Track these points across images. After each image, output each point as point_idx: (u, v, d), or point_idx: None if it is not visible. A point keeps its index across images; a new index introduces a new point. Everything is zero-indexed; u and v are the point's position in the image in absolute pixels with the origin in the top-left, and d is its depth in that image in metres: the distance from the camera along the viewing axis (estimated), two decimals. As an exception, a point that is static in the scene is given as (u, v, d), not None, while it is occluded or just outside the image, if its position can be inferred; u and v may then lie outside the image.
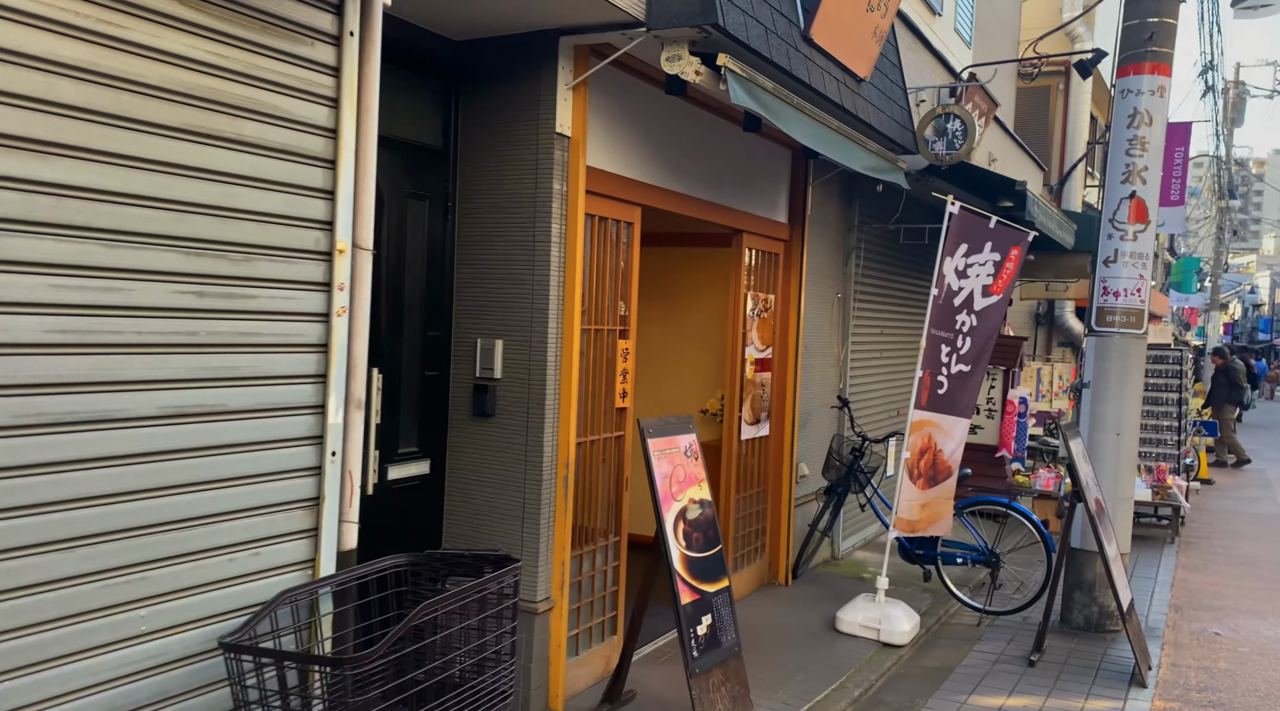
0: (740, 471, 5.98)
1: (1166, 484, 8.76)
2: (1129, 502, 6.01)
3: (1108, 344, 5.96)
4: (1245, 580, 7.35)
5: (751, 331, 5.94)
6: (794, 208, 6.31)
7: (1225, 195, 26.90)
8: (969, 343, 5.63)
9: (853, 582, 6.49)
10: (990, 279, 5.66)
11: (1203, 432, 13.14)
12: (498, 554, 2.37)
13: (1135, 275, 5.91)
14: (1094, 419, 5.98)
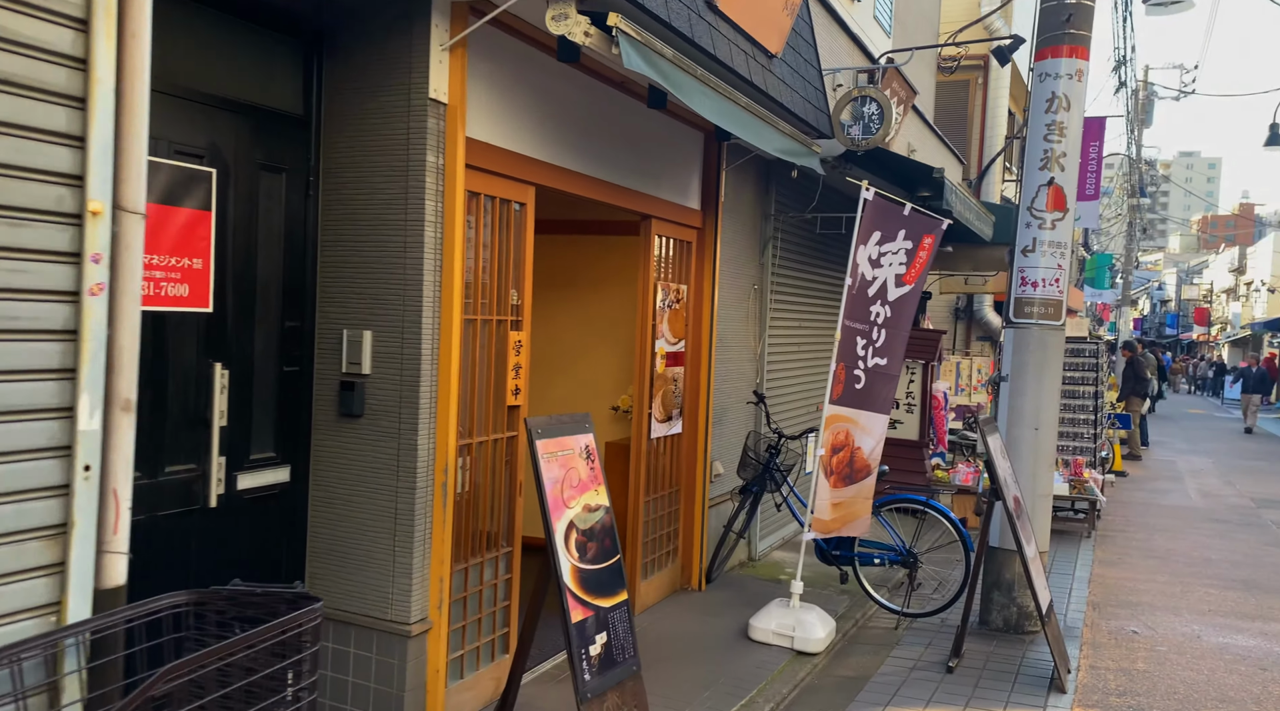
0: (651, 472, 5.65)
1: (1083, 478, 8.74)
2: (1048, 499, 5.86)
3: (1026, 336, 5.79)
4: (1160, 574, 7.31)
5: (662, 323, 5.61)
6: (707, 194, 6.00)
7: (1136, 193, 27.66)
8: (884, 335, 5.39)
9: (769, 585, 6.21)
10: (903, 268, 5.43)
11: (1117, 425, 13.31)
12: (295, 592, 1.96)
13: (1054, 265, 5.75)
14: (1012, 413, 5.81)
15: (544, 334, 6.70)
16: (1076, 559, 7.68)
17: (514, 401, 4.18)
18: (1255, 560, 7.89)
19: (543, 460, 3.53)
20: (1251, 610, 6.31)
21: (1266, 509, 10.63)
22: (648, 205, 5.33)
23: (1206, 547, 8.35)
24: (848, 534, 5.54)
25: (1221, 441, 18.62)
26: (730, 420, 6.53)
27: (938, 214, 6.74)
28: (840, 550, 5.96)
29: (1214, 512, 10.25)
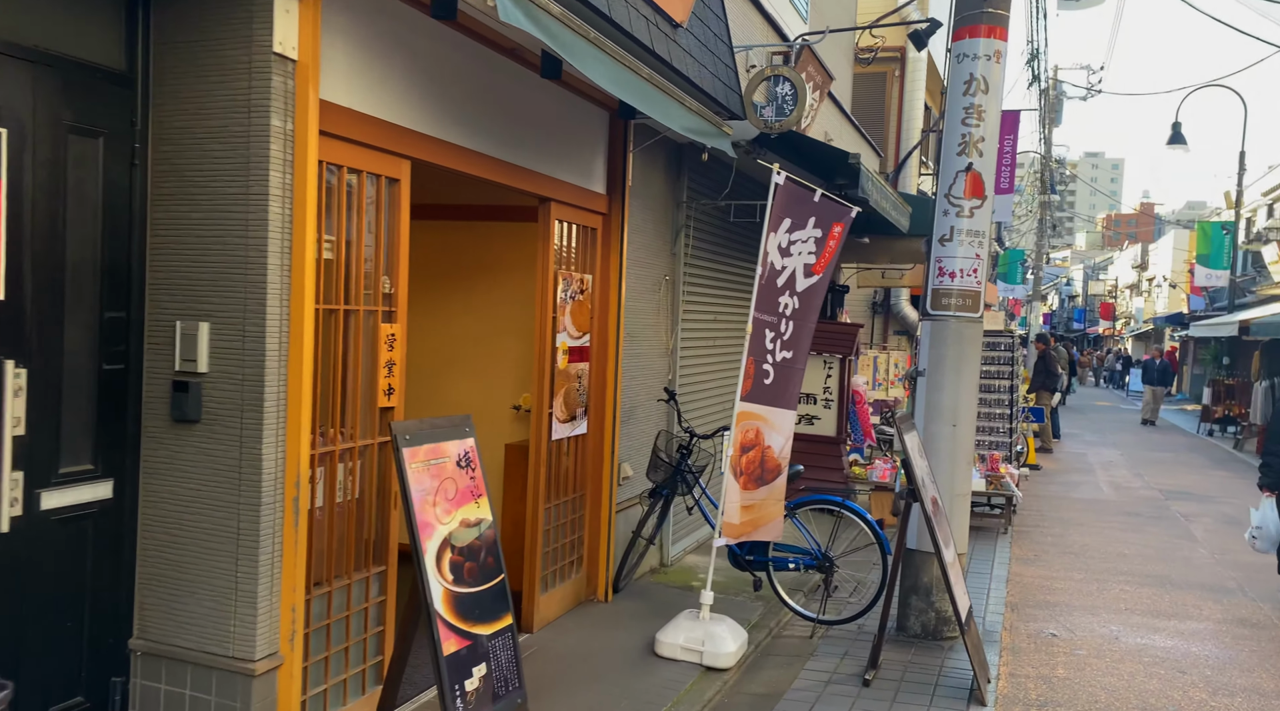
0: (553, 476, 5.24)
1: (1000, 473, 8.64)
2: (966, 498, 5.65)
3: (943, 329, 5.56)
4: (1076, 571, 7.22)
5: (564, 316, 5.20)
6: (613, 178, 5.61)
7: (1047, 190, 28.30)
8: (791, 327, 5.09)
9: (681, 593, 5.87)
10: (813, 257, 5.14)
11: (1030, 419, 13.41)
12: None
13: (971, 254, 5.53)
14: (929, 409, 5.58)
15: (440, 328, 6.23)
16: (994, 557, 7.55)
17: (387, 402, 3.73)
18: (1167, 554, 7.88)
19: (411, 470, 3.10)
20: (1167, 607, 6.23)
21: (1174, 500, 10.76)
22: (546, 187, 4.92)
23: (1120, 542, 8.34)
24: (760, 538, 5.23)
25: (1129, 433, 19.08)
26: (640, 419, 6.17)
27: (854, 202, 6.50)
28: (754, 555, 5.65)
29: (1125, 505, 10.33)
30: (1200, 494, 11.33)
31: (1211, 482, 12.38)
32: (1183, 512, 9.97)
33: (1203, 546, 8.27)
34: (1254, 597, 6.55)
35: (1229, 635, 5.63)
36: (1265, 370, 16.98)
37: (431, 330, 6.24)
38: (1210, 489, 11.79)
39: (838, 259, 5.40)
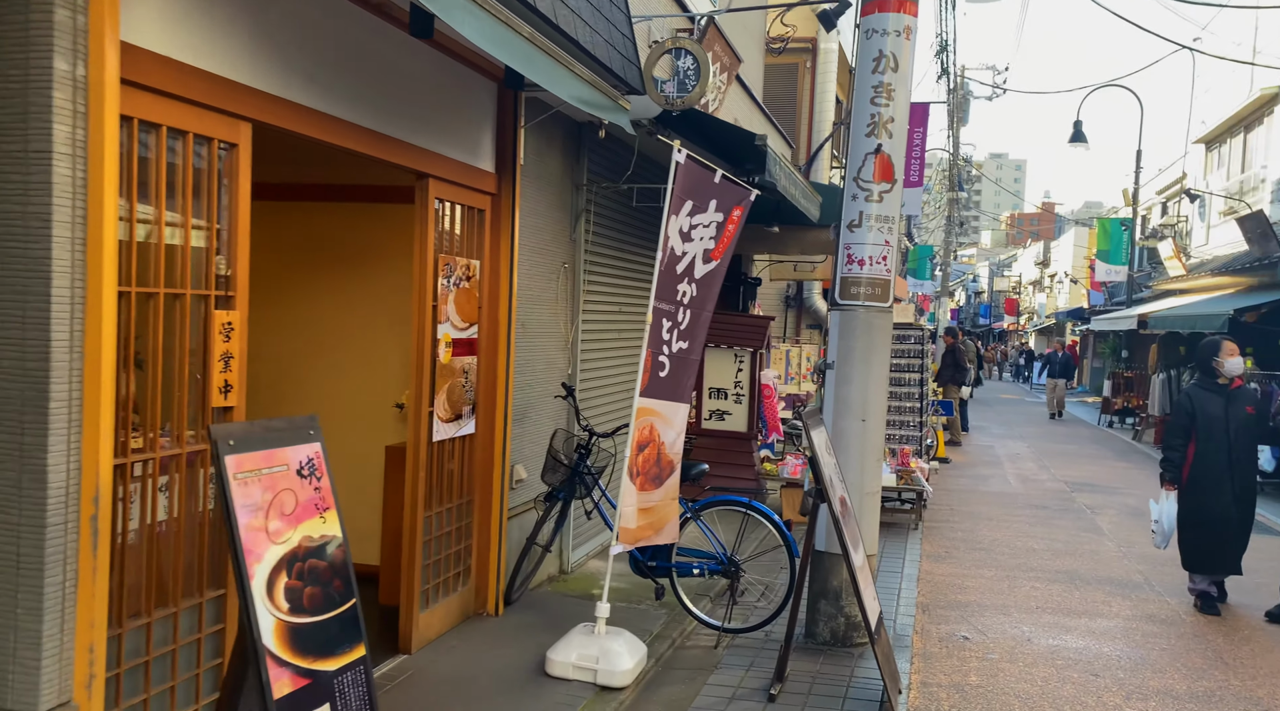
0: (435, 481, 4.78)
1: (911, 467, 8.50)
2: (876, 497, 5.40)
3: (852, 319, 5.30)
4: (986, 567, 7.08)
5: (447, 305, 4.75)
6: (503, 155, 5.17)
7: (955, 187, 28.82)
8: (688, 316, 4.75)
9: (581, 602, 5.48)
10: (712, 242, 4.81)
11: (939, 412, 13.44)
12: None
13: (881, 241, 5.27)
14: (838, 403, 5.30)
15: (312, 320, 5.71)
16: (905, 554, 7.37)
17: (224, 401, 3.23)
18: (1074, 548, 7.84)
19: (235, 482, 2.62)
20: (1076, 605, 6.11)
21: (1079, 492, 10.85)
22: (424, 162, 4.46)
23: (1029, 536, 8.27)
24: (658, 541, 4.87)
25: (1034, 425, 19.46)
26: (536, 417, 5.75)
27: (763, 189, 6.20)
28: (656, 561, 5.30)
29: (1033, 498, 10.35)
30: (1104, 485, 11.48)
31: (1114, 474, 12.58)
32: (1088, 505, 10.03)
33: (1109, 539, 8.26)
34: (1160, 592, 6.50)
35: (1139, 632, 5.51)
36: (1162, 363, 17.48)
37: (302, 322, 5.71)
38: (1113, 480, 11.96)
39: (735, 244, 5.07)
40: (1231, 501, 5.90)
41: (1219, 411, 5.96)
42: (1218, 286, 16.42)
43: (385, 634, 4.78)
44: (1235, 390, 6.01)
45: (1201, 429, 5.99)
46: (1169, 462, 6.11)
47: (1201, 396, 6.07)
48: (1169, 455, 6.13)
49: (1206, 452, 5.95)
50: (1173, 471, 6.07)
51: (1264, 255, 13.26)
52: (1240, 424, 5.93)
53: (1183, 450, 6.08)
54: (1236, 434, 5.91)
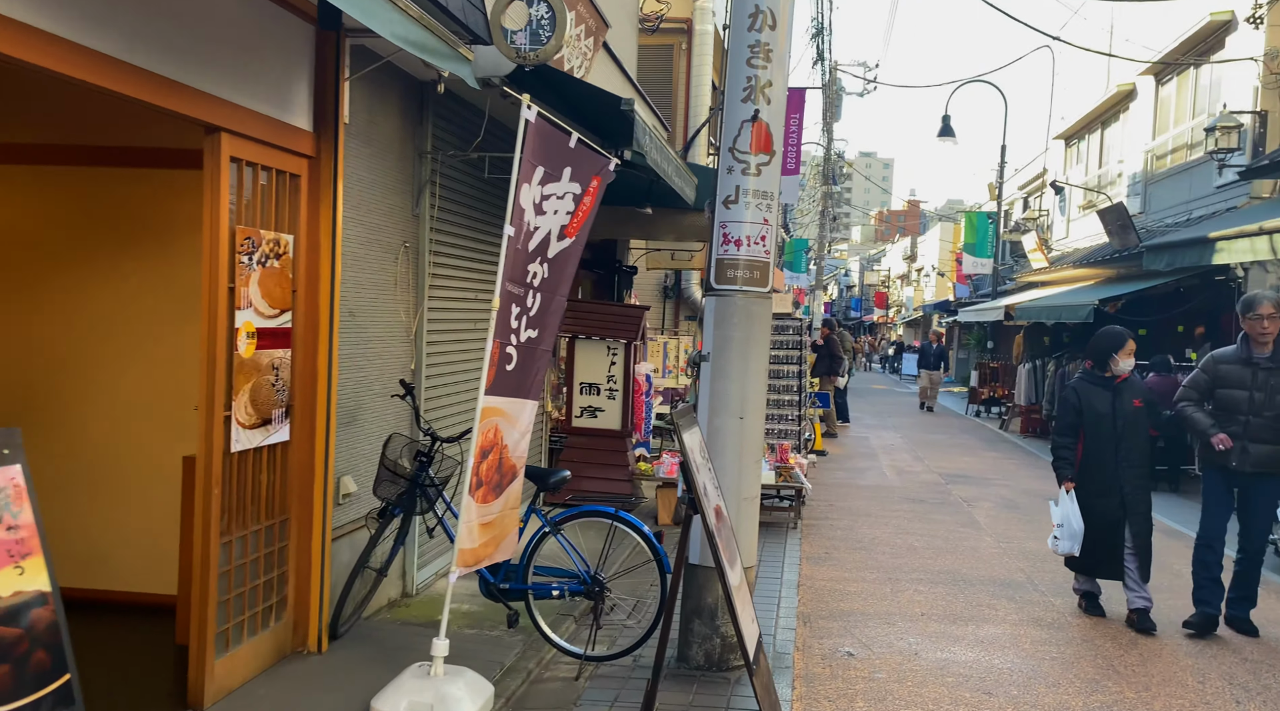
0: (237, 499, 3.98)
1: (790, 463, 8.10)
2: (755, 502, 4.88)
3: (729, 306, 4.76)
4: (868, 570, 6.72)
5: (249, 288, 3.95)
6: (322, 111, 4.38)
7: (829, 181, 29.13)
8: (539, 300, 4.10)
9: (424, 632, 4.76)
10: (567, 217, 4.17)
11: (817, 404, 13.24)
12: None
13: (759, 219, 4.75)
14: (714, 400, 4.76)
15: (86, 309, 4.78)
16: (784, 556, 6.94)
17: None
18: (954, 545, 7.59)
19: None
20: (961, 609, 5.78)
21: (955, 484, 10.77)
22: (217, 112, 3.64)
23: (908, 533, 8.00)
24: (498, 558, 4.21)
25: (905, 415, 19.70)
26: (370, 420, 4.99)
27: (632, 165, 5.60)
28: (510, 582, 4.64)
29: (910, 491, 10.17)
30: (977, 476, 11.46)
31: (986, 464, 12.65)
32: (964, 497, 9.92)
33: (987, 533, 8.08)
34: (1044, 591, 6.26)
35: (1028, 640, 5.20)
36: (1028, 353, 17.92)
37: (74, 310, 4.77)
38: (986, 471, 11.99)
39: (592, 221, 4.44)
40: (1119, 503, 5.49)
41: (1105, 407, 5.59)
42: (1079, 278, 16.90)
43: (178, 684, 3.96)
44: (1122, 383, 5.63)
45: (1089, 425, 5.61)
46: (1061, 460, 5.76)
47: (1088, 391, 5.69)
48: (1060, 453, 5.77)
49: (1093, 450, 5.59)
50: (1068, 469, 5.72)
51: (1123, 247, 13.61)
52: (1128, 419, 5.55)
53: (1072, 448, 5.70)
54: (1124, 429, 5.54)
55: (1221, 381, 5.39)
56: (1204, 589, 5.40)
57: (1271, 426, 5.21)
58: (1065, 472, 5.72)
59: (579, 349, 8.35)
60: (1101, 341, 5.75)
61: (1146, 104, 15.18)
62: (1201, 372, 5.50)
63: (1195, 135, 13.43)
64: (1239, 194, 11.60)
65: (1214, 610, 5.38)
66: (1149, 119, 15.03)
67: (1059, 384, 14.92)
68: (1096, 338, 5.84)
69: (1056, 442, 5.82)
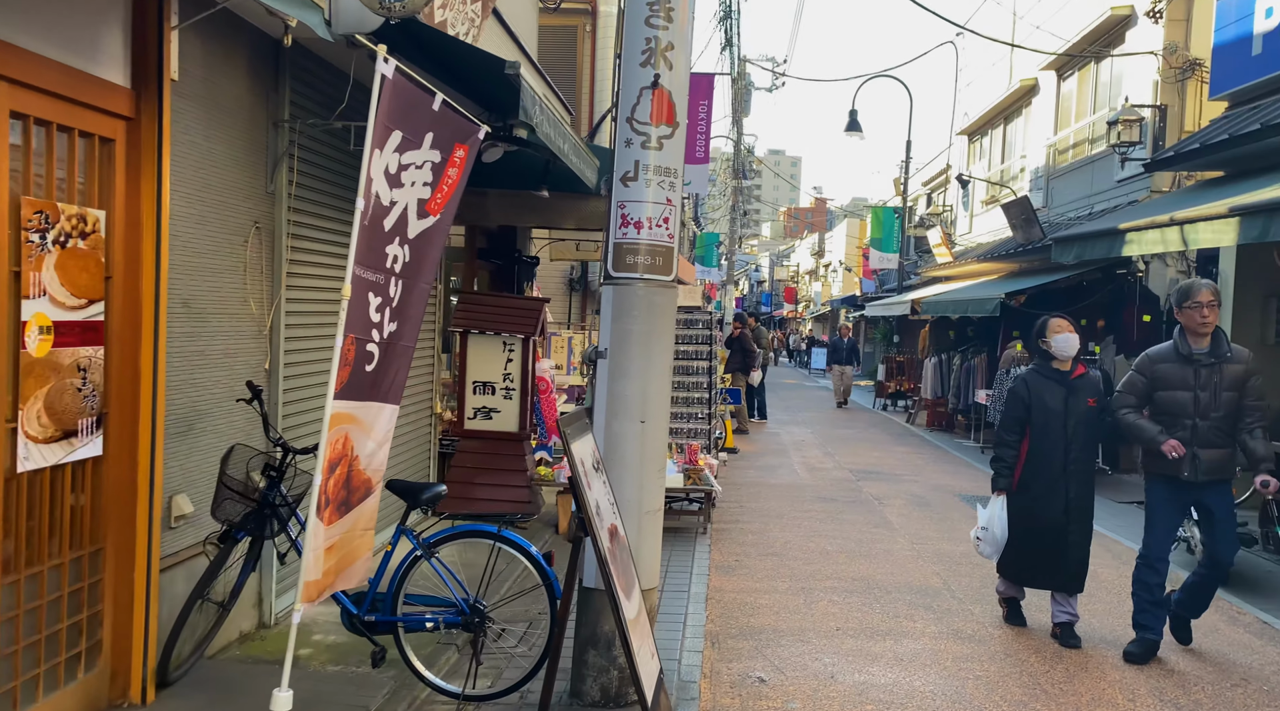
0: (28, 528, 3.27)
1: (699, 465, 7.65)
2: (657, 515, 4.38)
3: (629, 296, 4.24)
4: (780, 578, 6.31)
5: (42, 272, 3.24)
6: (143, 64, 3.68)
7: (739, 175, 28.98)
8: (400, 288, 3.51)
9: (279, 671, 4.09)
10: (427, 190, 3.59)
11: (728, 400, 12.88)
12: None
13: (662, 198, 4.25)
14: (613, 402, 4.23)
15: None
16: (692, 567, 6.48)
17: None
18: (867, 548, 7.27)
19: None
20: (878, 622, 5.41)
21: (865, 481, 10.53)
22: (-14, 54, 2.93)
23: (821, 535, 7.65)
24: (344, 586, 3.62)
25: (815, 410, 19.60)
26: (211, 430, 4.30)
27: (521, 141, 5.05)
28: (376, 613, 4.03)
29: (821, 490, 9.87)
30: (887, 472, 11.26)
31: (895, 459, 12.49)
32: (875, 495, 9.66)
33: (900, 534, 7.79)
34: (961, 598, 5.95)
35: (950, 656, 4.85)
36: (933, 347, 17.99)
37: None
38: (895, 466, 11.81)
39: (459, 198, 3.85)
40: (1063, 509, 5.06)
41: (1058, 404, 5.05)
42: (983, 272, 17.02)
43: (-47, 756, 3.23)
44: (1078, 379, 5.07)
45: (1037, 423, 5.08)
46: (1001, 462, 5.22)
47: (1039, 385, 5.11)
48: (1001, 453, 5.23)
49: (1040, 451, 5.08)
50: (1006, 474, 5.19)
51: (1027, 241, 13.66)
52: (1081, 419, 5.04)
53: (1017, 447, 5.18)
54: (1075, 430, 5.02)
55: (1160, 383, 4.82)
56: (1145, 613, 4.88)
57: (1220, 428, 4.72)
58: (1003, 478, 5.21)
59: (472, 345, 7.72)
60: (1035, 331, 5.27)
61: (1048, 99, 15.32)
62: (1137, 374, 4.93)
63: (1096, 130, 13.56)
64: (1140, 188, 11.69)
65: (1156, 635, 4.88)
66: (1051, 114, 15.17)
67: (965, 378, 14.95)
68: (1036, 329, 5.28)
69: (1000, 438, 5.30)
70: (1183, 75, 11.21)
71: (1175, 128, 11.27)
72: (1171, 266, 11.62)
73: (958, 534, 7.85)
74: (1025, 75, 16.11)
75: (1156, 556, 4.86)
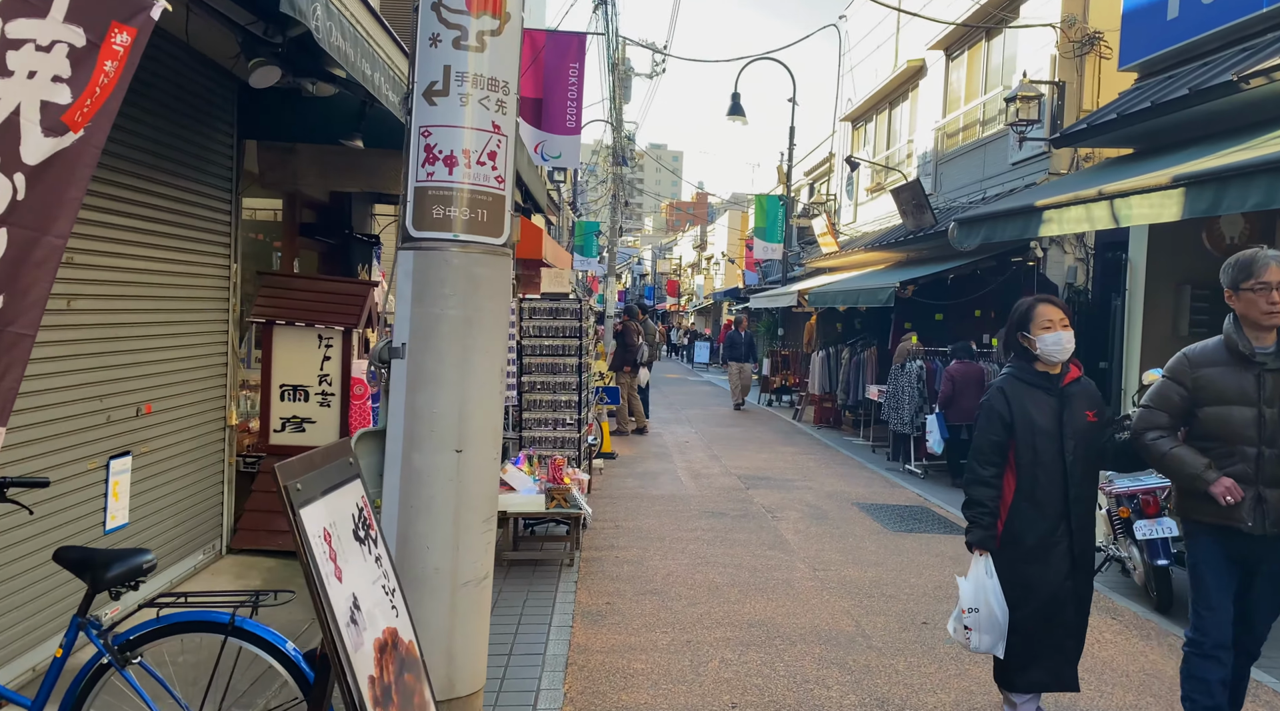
0: None
1: (565, 483, 6.34)
2: (483, 585, 3.05)
3: (439, 267, 2.91)
4: (660, 628, 5.09)
5: None
6: None
7: (619, 162, 27.80)
8: (6, 242, 2.05)
9: None
10: (64, 91, 2.11)
11: (605, 400, 11.63)
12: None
13: (487, 123, 2.93)
14: (414, 421, 2.90)
15: None
16: (552, 615, 5.19)
17: None
18: (763, 578, 6.14)
19: None
20: (784, 691, 4.25)
21: (755, 489, 9.46)
22: None
23: (709, 563, 6.48)
24: None
25: (698, 407, 18.61)
26: None
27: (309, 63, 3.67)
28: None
29: (708, 501, 8.73)
30: (778, 477, 10.24)
31: (785, 461, 11.52)
32: (767, 506, 8.59)
33: (799, 557, 6.71)
34: (881, 649, 4.86)
35: (882, 746, 3.71)
36: (820, 340, 17.25)
37: None
38: (786, 470, 10.82)
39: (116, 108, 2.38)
40: (1068, 567, 3.57)
41: (1049, 421, 3.59)
42: (870, 262, 16.35)
43: None
44: (1072, 385, 3.66)
45: (1023, 447, 3.59)
46: (979, 508, 3.62)
47: (1022, 395, 3.62)
48: (977, 494, 3.64)
49: (1035, 487, 3.57)
50: (988, 523, 3.61)
51: (918, 227, 12.94)
52: (1081, 438, 3.60)
53: (998, 484, 3.63)
54: (1075, 454, 3.58)
55: (1207, 394, 3.37)
56: None
57: None
58: (983, 525, 3.61)
59: (279, 340, 6.19)
60: (1012, 319, 3.76)
61: (937, 80, 14.71)
62: (1173, 383, 3.45)
63: (989, 111, 12.95)
64: (1037, 170, 11.07)
65: None
66: (939, 96, 14.56)
67: (854, 372, 14.17)
68: (1009, 316, 3.81)
69: (974, 474, 3.66)
70: (1081, 50, 10.60)
71: (1074, 106, 10.65)
72: (1070, 254, 11.03)
73: (863, 555, 6.83)
74: (913, 56, 15.46)
75: (1216, 642, 3.34)
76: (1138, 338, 8.55)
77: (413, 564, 2.83)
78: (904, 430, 11.03)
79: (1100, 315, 10.80)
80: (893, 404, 11.26)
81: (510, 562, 6.25)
